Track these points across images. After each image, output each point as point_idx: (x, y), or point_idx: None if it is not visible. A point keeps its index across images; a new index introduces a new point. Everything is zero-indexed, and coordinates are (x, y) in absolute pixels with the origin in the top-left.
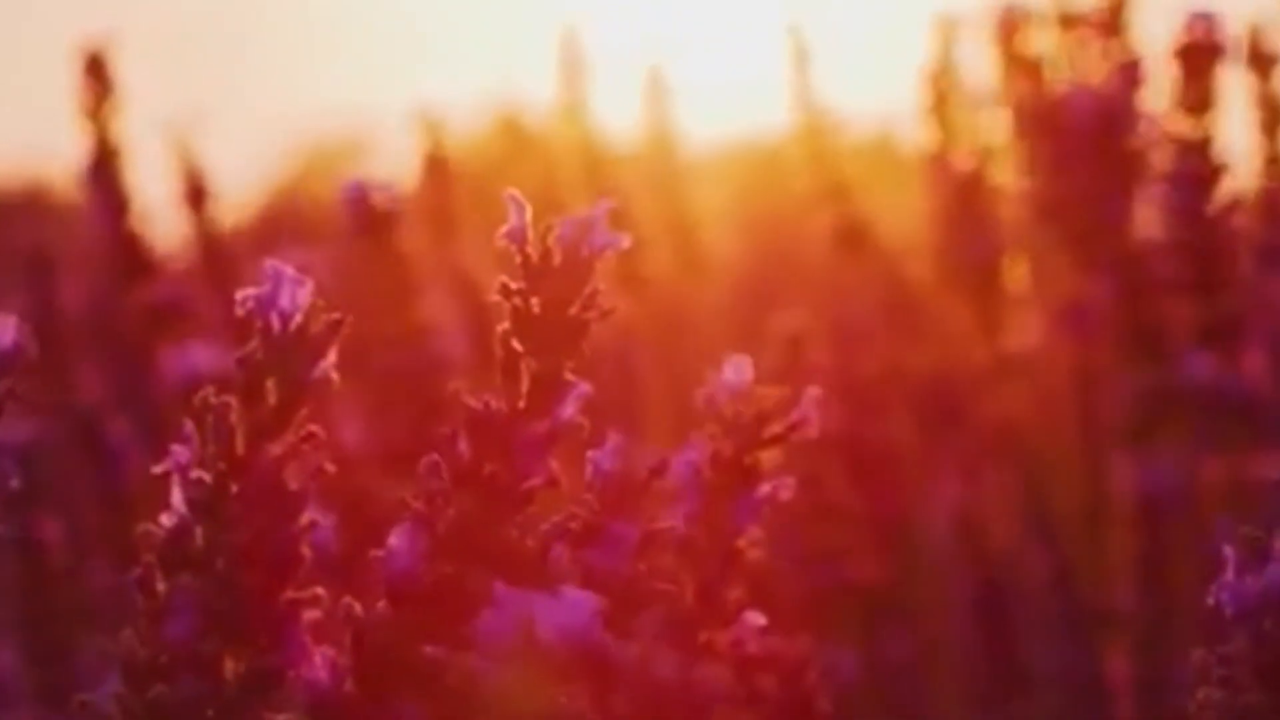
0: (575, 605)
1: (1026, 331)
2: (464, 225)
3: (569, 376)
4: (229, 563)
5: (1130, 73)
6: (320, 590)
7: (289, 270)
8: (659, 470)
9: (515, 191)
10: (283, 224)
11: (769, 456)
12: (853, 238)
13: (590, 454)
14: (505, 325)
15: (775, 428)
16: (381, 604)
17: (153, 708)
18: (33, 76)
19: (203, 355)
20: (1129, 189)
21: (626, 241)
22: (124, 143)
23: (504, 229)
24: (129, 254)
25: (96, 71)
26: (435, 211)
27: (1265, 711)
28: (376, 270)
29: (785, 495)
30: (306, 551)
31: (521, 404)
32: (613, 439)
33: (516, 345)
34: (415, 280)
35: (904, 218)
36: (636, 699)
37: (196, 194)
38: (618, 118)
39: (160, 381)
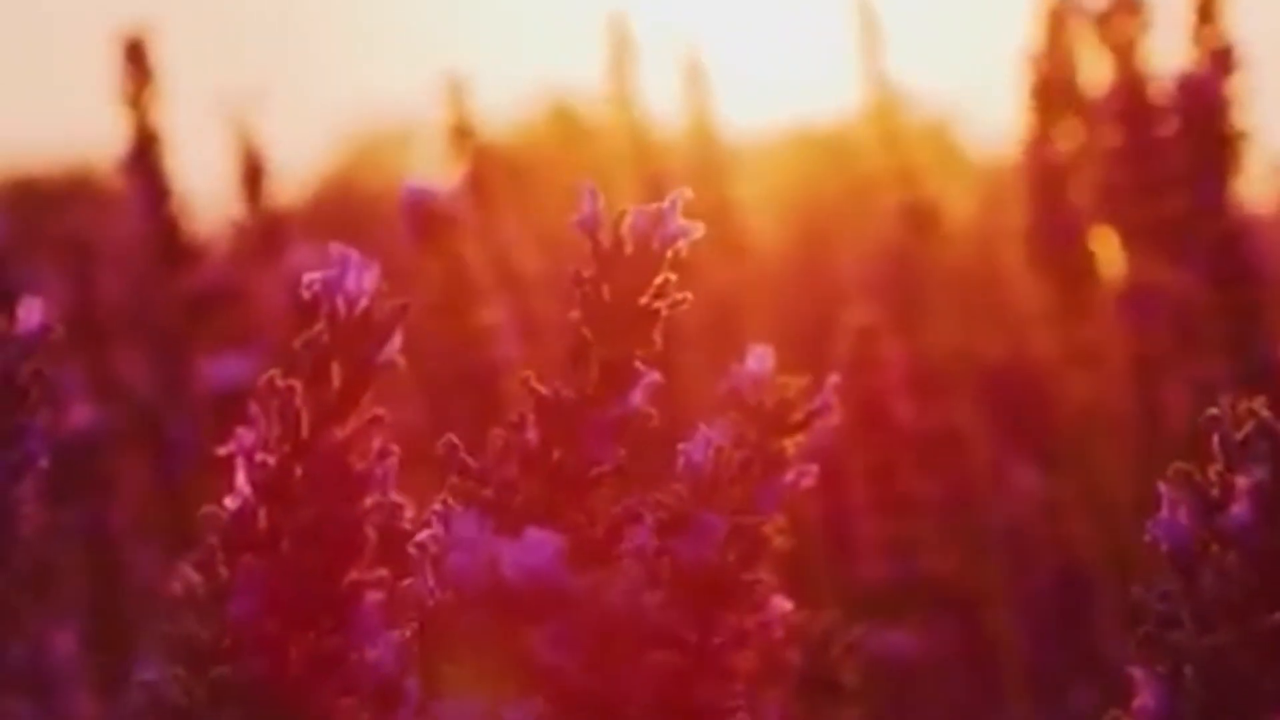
0: (537, 544)
1: (1107, 318)
2: (511, 212)
3: (639, 365)
4: (293, 544)
5: (1222, 59)
6: (385, 573)
7: (354, 254)
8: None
9: (589, 181)
10: (334, 212)
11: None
12: (923, 221)
13: (681, 445)
14: (576, 313)
15: (798, 415)
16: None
17: (214, 689)
18: (77, 63)
19: (236, 364)
20: (1221, 176)
21: (699, 231)
22: (165, 129)
23: (576, 217)
24: (169, 241)
25: (137, 58)
26: (479, 197)
27: (1204, 647)
28: (434, 274)
29: (808, 482)
30: (371, 534)
31: (591, 391)
32: (703, 430)
33: (587, 333)
34: (474, 284)
35: (968, 201)
36: (606, 642)
37: (254, 175)
38: (664, 105)
39: (201, 371)
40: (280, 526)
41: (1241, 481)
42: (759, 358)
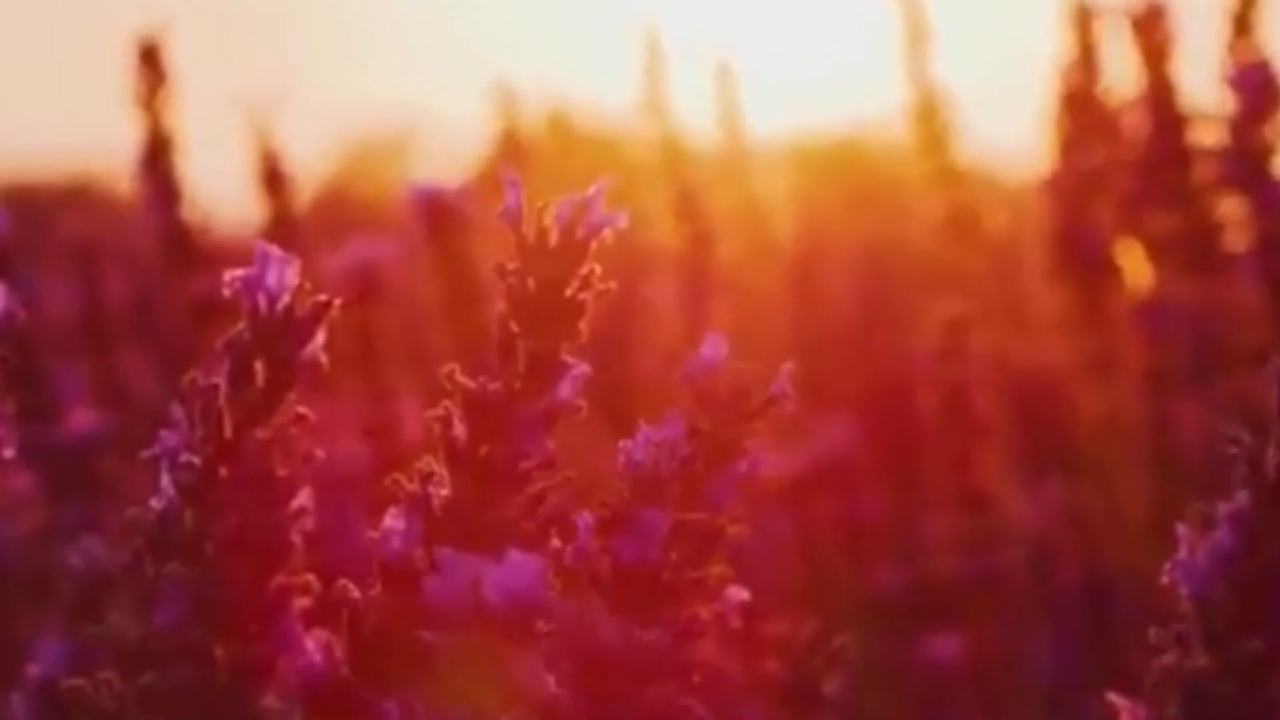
0: (520, 567)
1: (1131, 329)
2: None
3: (566, 357)
4: (218, 548)
5: (1259, 71)
6: (311, 576)
7: (275, 250)
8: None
9: (511, 171)
10: (336, 215)
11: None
12: (965, 225)
13: (622, 443)
14: (501, 305)
15: (753, 402)
16: (376, 587)
17: (143, 695)
18: (79, 70)
19: None
20: (1256, 186)
21: (622, 220)
22: (177, 132)
23: (499, 209)
24: (181, 243)
25: (151, 61)
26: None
27: (1214, 679)
28: (442, 270)
29: (764, 471)
30: (296, 537)
31: (518, 384)
32: (643, 428)
33: (513, 325)
34: (482, 281)
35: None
36: (587, 664)
37: (273, 176)
38: (690, 110)
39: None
40: (205, 530)
41: (1223, 508)
42: (713, 344)
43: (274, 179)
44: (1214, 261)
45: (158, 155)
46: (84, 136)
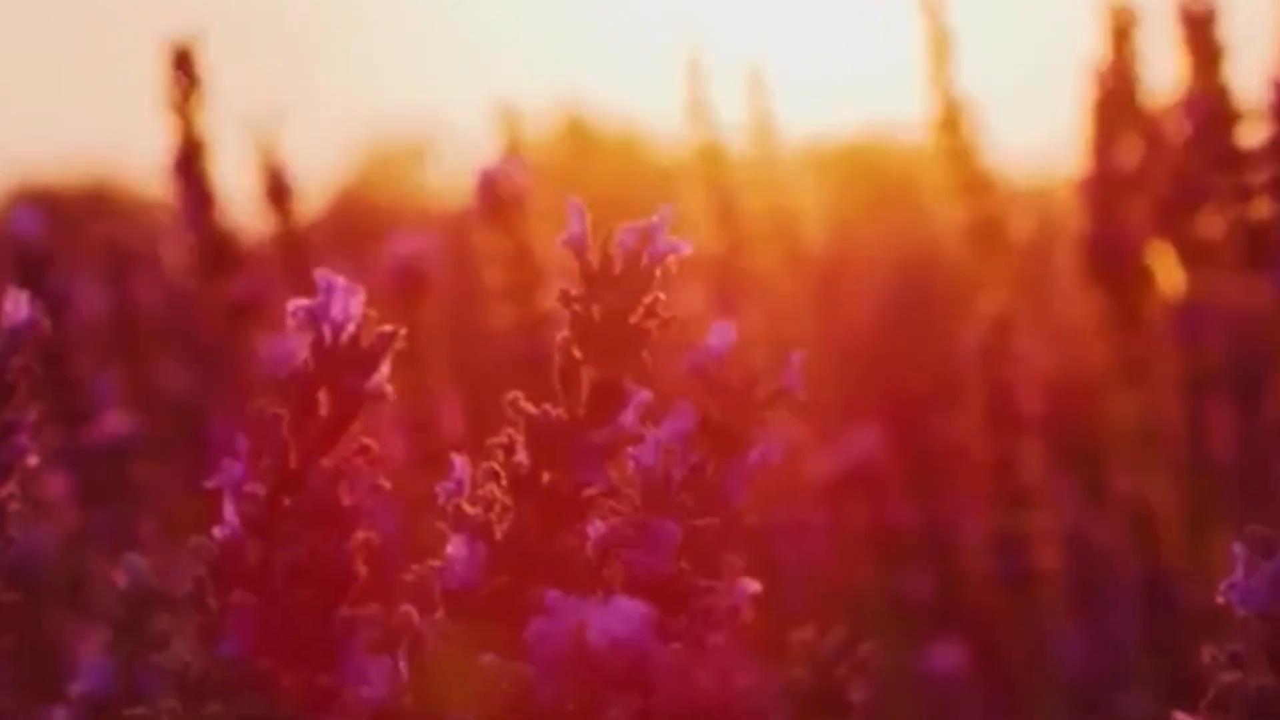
0: (626, 614)
1: (1165, 332)
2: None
3: (629, 385)
4: (283, 580)
5: None
6: (376, 606)
7: (340, 280)
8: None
9: (576, 197)
10: (356, 221)
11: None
12: (990, 232)
13: (632, 451)
14: (565, 333)
15: (762, 392)
16: (439, 614)
17: None
18: (102, 76)
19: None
20: None
21: (688, 248)
22: (210, 137)
23: (563, 236)
24: (215, 247)
25: (185, 66)
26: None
27: (1275, 697)
28: (501, 256)
29: (774, 460)
30: (361, 567)
31: (581, 412)
32: (651, 435)
33: (576, 353)
34: (540, 266)
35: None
36: (684, 708)
37: (278, 190)
38: (720, 116)
39: (244, 375)
40: (270, 561)
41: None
42: (722, 333)
43: (279, 192)
44: (1252, 265)
45: (190, 160)
46: (106, 141)
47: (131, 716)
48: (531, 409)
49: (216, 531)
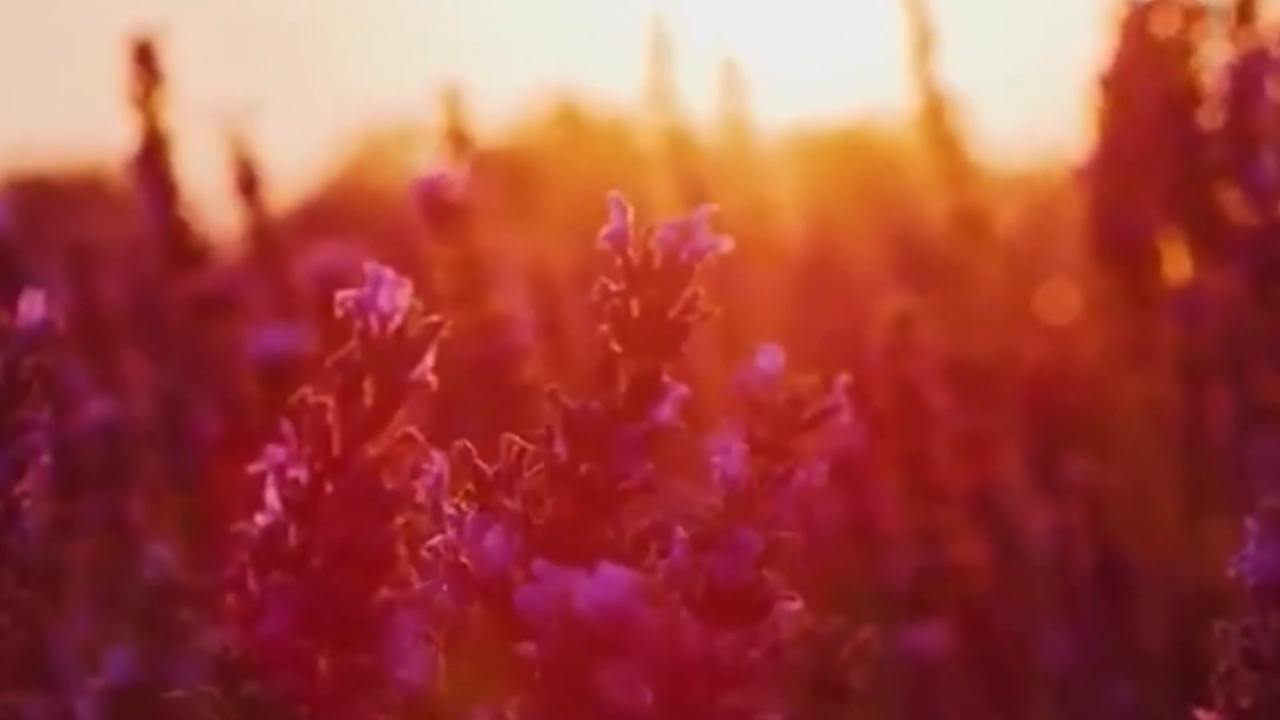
0: (613, 580)
1: (1164, 317)
2: (509, 213)
3: (667, 379)
4: (324, 562)
5: (1260, 60)
6: (416, 588)
7: (388, 272)
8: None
9: (618, 194)
10: (335, 213)
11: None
12: (973, 223)
13: (716, 459)
14: (604, 327)
15: (809, 413)
16: (476, 604)
17: (245, 706)
18: (89, 64)
19: (277, 337)
20: (1262, 172)
21: (727, 245)
22: (173, 132)
23: (605, 231)
24: (177, 243)
25: (146, 60)
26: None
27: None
28: (445, 262)
29: (820, 481)
30: (402, 551)
31: (620, 405)
32: (737, 444)
33: (615, 347)
34: (487, 272)
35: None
36: (673, 675)
37: (248, 182)
38: (696, 106)
39: (215, 367)
40: (311, 544)
41: None
42: (769, 355)
43: (249, 184)
44: (1233, 248)
45: (152, 154)
46: (97, 129)
47: (170, 699)
48: (570, 401)
49: (259, 517)
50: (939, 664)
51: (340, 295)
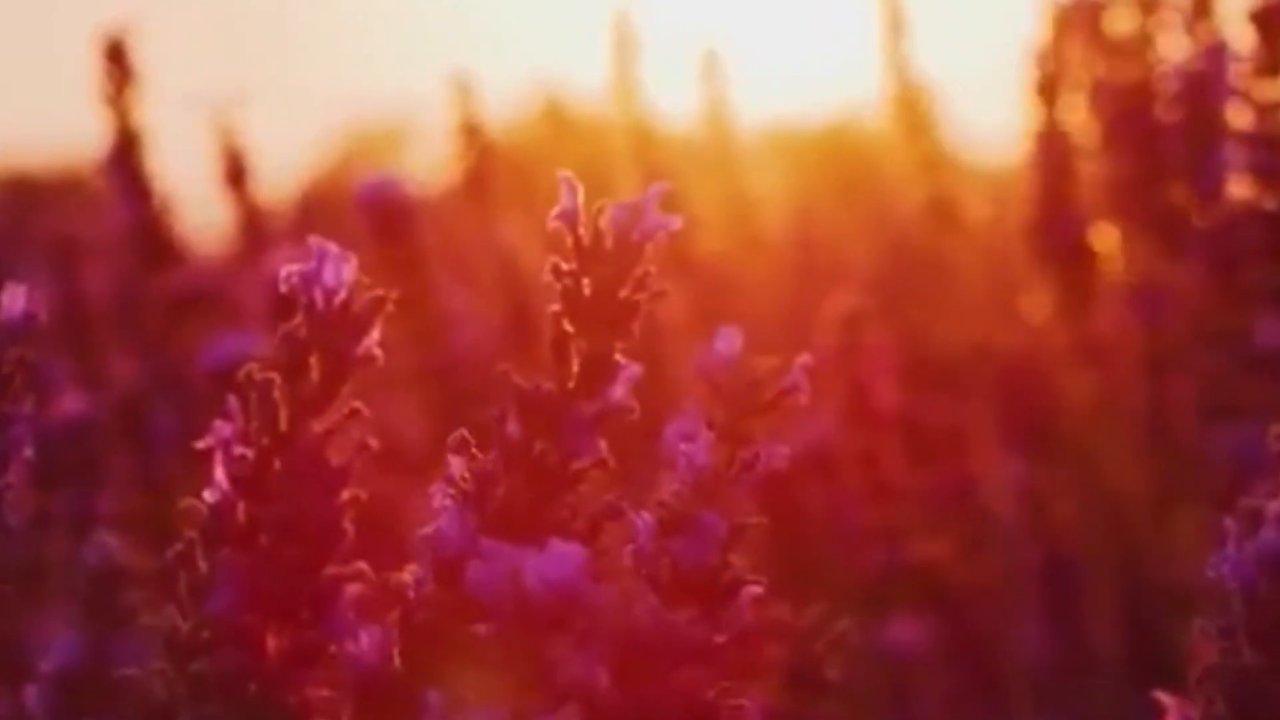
0: (562, 557)
1: (1111, 311)
2: (508, 206)
3: (619, 358)
4: (271, 538)
5: (1217, 54)
6: (363, 566)
7: (333, 247)
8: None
9: (568, 173)
10: (321, 209)
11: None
12: (945, 214)
13: (683, 446)
14: (556, 306)
15: (767, 395)
16: (428, 583)
17: (195, 682)
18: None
19: (234, 343)
20: (1216, 166)
21: (677, 224)
22: (146, 129)
23: (556, 210)
24: (151, 240)
25: (117, 58)
26: (476, 190)
27: (1262, 675)
28: (398, 267)
29: (779, 464)
30: (349, 527)
31: (572, 384)
32: (704, 431)
33: (567, 326)
34: (436, 276)
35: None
36: (632, 655)
37: (237, 175)
38: (673, 100)
39: (185, 367)
40: (258, 520)
41: (1274, 506)
42: (727, 338)
43: (237, 176)
44: (1184, 244)
45: (127, 153)
46: (79, 127)
47: (122, 678)
48: (522, 381)
49: (206, 494)
50: (913, 659)
51: (285, 270)
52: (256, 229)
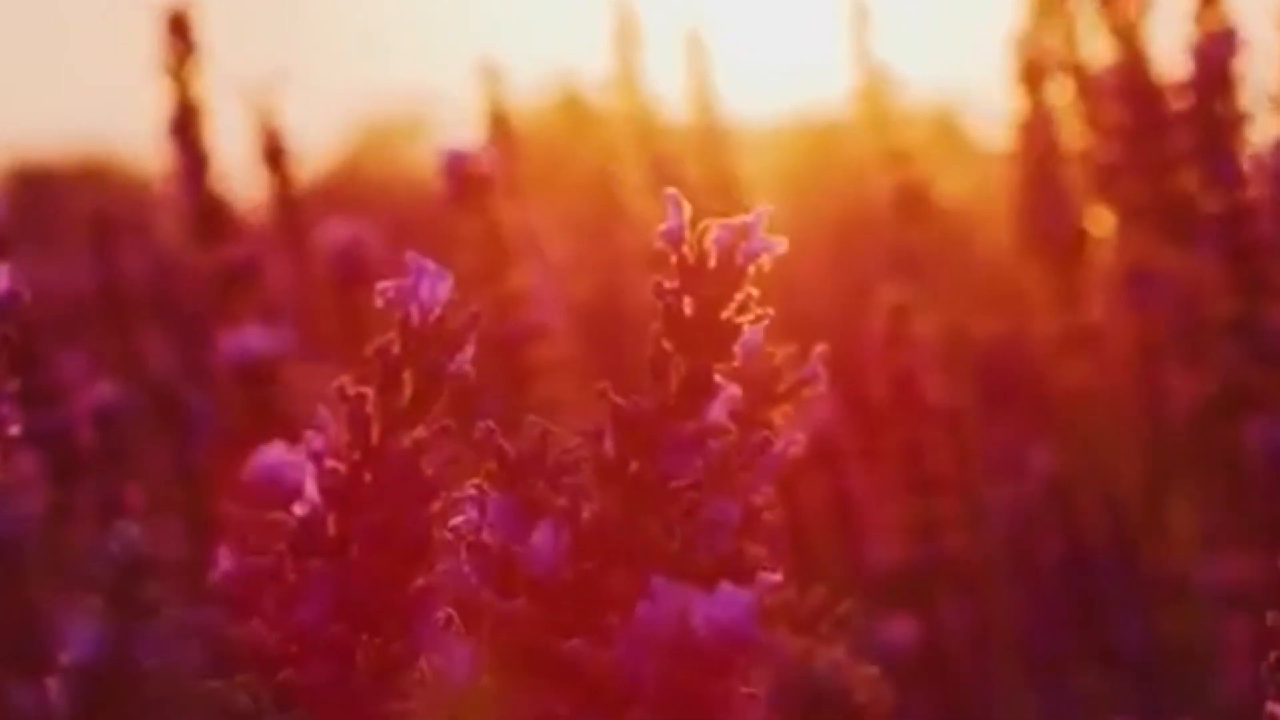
0: (731, 601)
1: (1102, 299)
2: (527, 194)
3: (718, 379)
4: (361, 550)
5: (1224, 41)
6: (454, 578)
7: (429, 263)
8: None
9: (674, 191)
10: (351, 190)
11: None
12: (915, 204)
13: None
14: (657, 324)
15: (784, 384)
16: (522, 599)
17: (281, 693)
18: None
19: (254, 338)
20: (1221, 156)
21: (783, 247)
22: (205, 102)
23: (662, 229)
24: (209, 213)
25: (180, 30)
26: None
27: None
28: (470, 236)
29: (796, 451)
30: (438, 540)
31: (670, 403)
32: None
33: (667, 345)
34: (510, 247)
35: (967, 186)
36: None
37: (274, 154)
38: (668, 88)
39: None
40: (348, 532)
41: None
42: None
43: (275, 155)
44: (1184, 232)
45: (186, 125)
46: (99, 117)
47: (208, 688)
48: (619, 399)
49: (296, 507)
50: (912, 652)
51: (381, 286)
52: (293, 209)
